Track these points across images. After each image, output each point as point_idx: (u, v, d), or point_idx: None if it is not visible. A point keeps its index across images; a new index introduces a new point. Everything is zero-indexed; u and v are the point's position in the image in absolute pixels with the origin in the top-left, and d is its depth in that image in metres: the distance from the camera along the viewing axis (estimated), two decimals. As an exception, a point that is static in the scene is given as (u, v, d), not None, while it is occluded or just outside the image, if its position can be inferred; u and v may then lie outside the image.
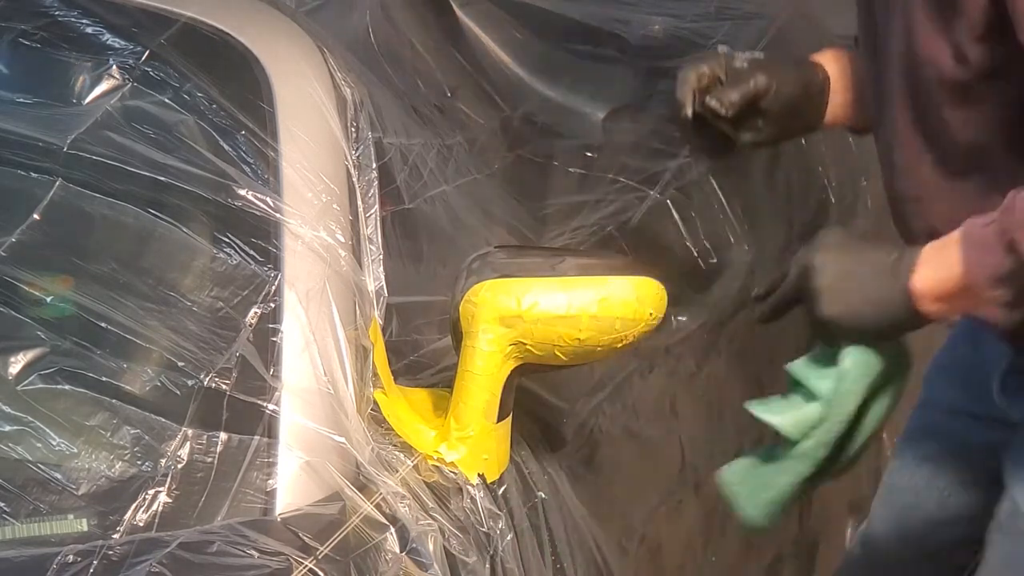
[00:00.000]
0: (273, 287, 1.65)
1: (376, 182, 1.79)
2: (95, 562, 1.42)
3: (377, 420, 1.66)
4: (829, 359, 1.70)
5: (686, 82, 1.84)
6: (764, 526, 1.78)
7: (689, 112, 1.83)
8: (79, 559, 1.43)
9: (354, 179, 1.77)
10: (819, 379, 1.70)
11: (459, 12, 2.45)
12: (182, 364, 1.60)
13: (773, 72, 1.86)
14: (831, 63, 1.92)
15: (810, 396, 1.70)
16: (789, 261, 1.74)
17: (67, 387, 1.57)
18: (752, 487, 1.76)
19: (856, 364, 1.68)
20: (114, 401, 1.57)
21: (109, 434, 1.56)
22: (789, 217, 2.62)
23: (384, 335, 1.71)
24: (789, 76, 1.87)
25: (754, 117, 1.86)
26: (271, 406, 1.60)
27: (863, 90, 1.88)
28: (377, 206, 1.77)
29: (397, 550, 1.55)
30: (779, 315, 1.75)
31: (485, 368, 1.65)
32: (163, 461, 1.55)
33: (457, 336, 1.68)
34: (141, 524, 1.52)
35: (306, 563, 1.46)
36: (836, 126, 1.96)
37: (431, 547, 1.58)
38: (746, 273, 2.46)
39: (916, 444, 2.10)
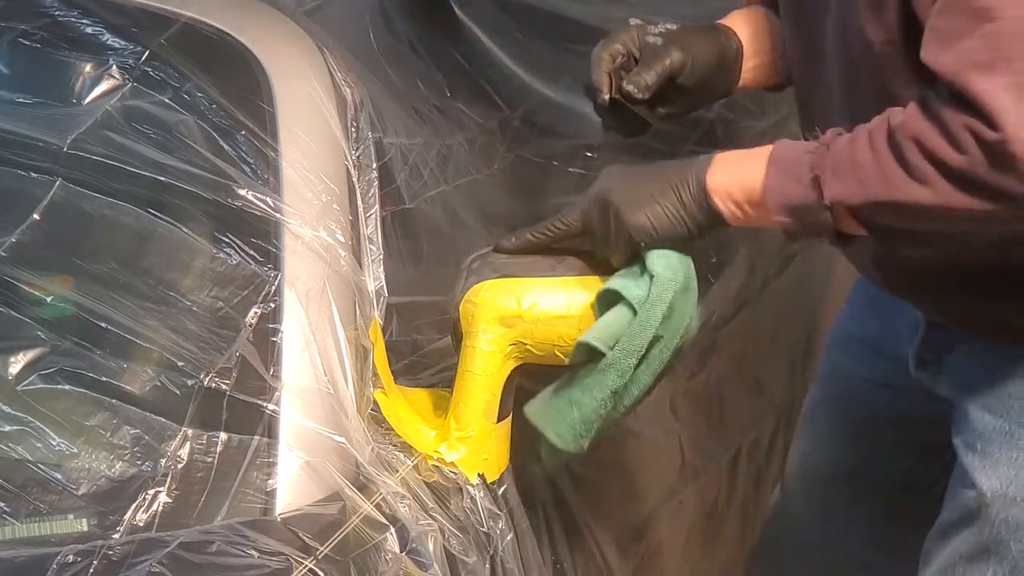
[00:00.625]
0: (273, 287, 1.66)
1: (376, 182, 1.79)
2: (95, 562, 1.42)
3: (377, 420, 1.66)
4: (641, 272, 1.64)
5: (600, 63, 1.77)
6: (574, 449, 1.69)
7: (606, 98, 1.77)
8: (79, 559, 1.43)
9: (354, 179, 1.77)
10: (635, 288, 1.63)
11: (459, 12, 2.45)
12: (182, 364, 1.60)
13: (687, 45, 1.79)
14: (743, 26, 1.86)
15: (624, 308, 1.64)
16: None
17: (67, 387, 1.57)
18: (558, 408, 1.67)
19: (664, 267, 1.62)
20: (114, 401, 1.57)
21: (109, 434, 1.56)
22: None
23: (384, 335, 1.72)
24: (703, 47, 1.81)
25: (669, 92, 1.81)
26: (271, 406, 1.60)
27: (780, 50, 1.86)
28: (377, 206, 1.77)
29: (397, 550, 1.55)
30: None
31: (485, 368, 1.65)
32: (163, 461, 1.55)
33: (457, 336, 1.68)
34: (141, 524, 1.52)
35: (306, 563, 1.46)
36: (750, 88, 1.92)
37: (431, 547, 1.58)
38: (746, 273, 2.46)
39: (828, 418, 2.11)
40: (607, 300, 1.63)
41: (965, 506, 1.81)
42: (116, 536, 1.50)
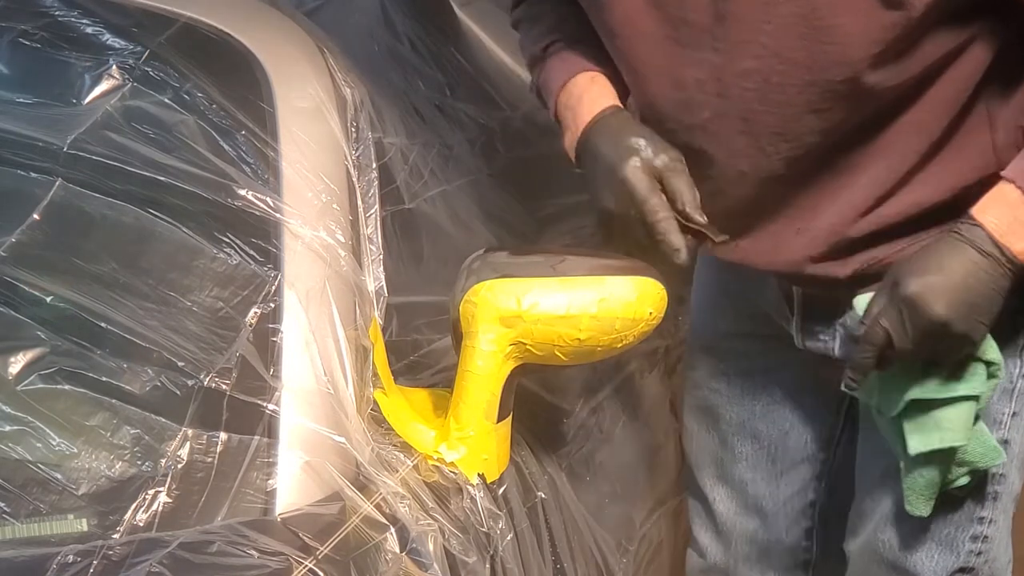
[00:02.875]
0: (273, 287, 1.66)
1: (376, 182, 1.79)
2: (95, 562, 1.42)
3: (377, 420, 1.66)
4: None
5: (669, 227, 1.67)
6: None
7: (686, 258, 1.68)
8: (79, 559, 1.43)
9: (354, 179, 1.77)
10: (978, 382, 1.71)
11: (459, 12, 2.45)
12: (182, 364, 1.60)
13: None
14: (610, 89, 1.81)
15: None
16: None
17: (67, 387, 1.57)
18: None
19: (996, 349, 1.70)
20: (114, 401, 1.57)
21: (109, 434, 1.56)
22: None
23: (384, 335, 1.72)
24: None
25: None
26: (271, 406, 1.60)
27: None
28: (377, 206, 1.77)
29: (397, 550, 1.55)
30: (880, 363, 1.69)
31: (485, 368, 1.65)
32: (163, 461, 1.55)
33: (457, 336, 1.68)
34: (141, 524, 1.52)
35: (306, 563, 1.46)
36: None
37: (431, 547, 1.58)
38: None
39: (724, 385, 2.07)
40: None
41: None
42: (116, 536, 1.50)
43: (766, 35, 1.63)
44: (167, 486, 1.54)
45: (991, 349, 1.69)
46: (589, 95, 1.78)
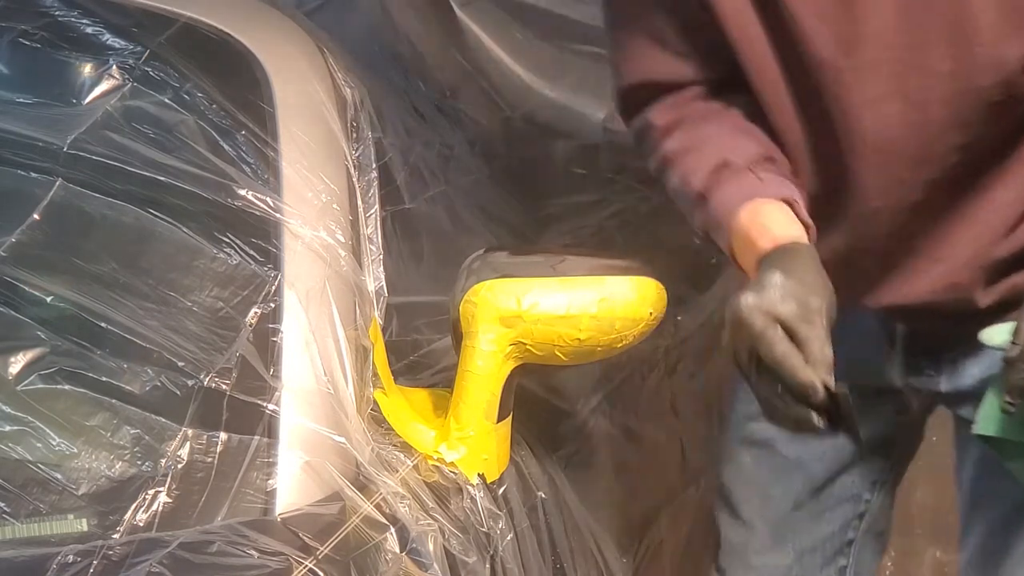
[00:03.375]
0: (273, 287, 1.65)
1: (376, 182, 1.79)
2: (95, 562, 1.42)
3: (377, 420, 1.66)
4: None
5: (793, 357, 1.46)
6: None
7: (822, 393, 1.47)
8: (79, 559, 1.43)
9: (354, 179, 1.77)
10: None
11: (459, 12, 2.45)
12: (182, 364, 1.60)
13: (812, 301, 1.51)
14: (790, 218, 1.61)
15: None
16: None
17: (67, 387, 1.57)
18: None
19: None
20: (114, 401, 1.57)
21: (109, 434, 1.56)
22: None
23: (384, 335, 1.72)
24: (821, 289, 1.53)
25: None
26: (271, 406, 1.60)
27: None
28: (377, 206, 1.77)
29: (397, 550, 1.55)
30: None
31: (485, 368, 1.66)
32: (163, 461, 1.55)
33: (457, 336, 1.68)
34: (141, 524, 1.52)
35: (306, 563, 1.46)
36: None
37: (431, 547, 1.58)
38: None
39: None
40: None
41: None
42: (116, 536, 1.50)
43: (903, 48, 1.55)
44: (167, 486, 1.54)
45: None
46: (766, 222, 1.59)
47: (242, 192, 1.69)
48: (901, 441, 1.93)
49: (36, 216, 1.65)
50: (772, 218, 1.58)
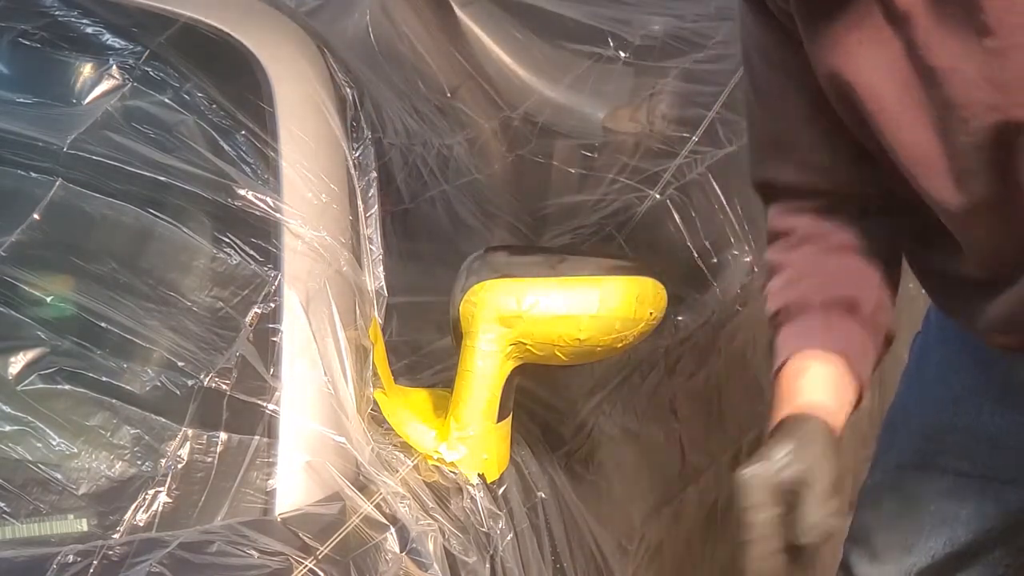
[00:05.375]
0: (273, 287, 1.65)
1: (376, 182, 1.79)
2: (95, 562, 1.42)
3: (377, 420, 1.66)
4: None
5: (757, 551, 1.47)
6: None
7: None
8: (79, 559, 1.43)
9: (354, 179, 1.77)
10: None
11: (459, 12, 2.45)
12: (182, 364, 1.60)
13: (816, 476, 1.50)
14: (829, 388, 1.61)
15: None
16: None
17: (67, 387, 1.57)
18: None
19: None
20: (114, 401, 1.57)
21: (109, 434, 1.56)
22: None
23: (384, 335, 1.71)
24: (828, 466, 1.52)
25: None
26: (271, 406, 1.60)
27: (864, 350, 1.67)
28: (377, 206, 1.77)
29: (397, 550, 1.55)
30: None
31: (485, 368, 1.66)
32: (163, 461, 1.55)
33: (457, 336, 1.68)
34: (141, 524, 1.52)
35: (306, 563, 1.46)
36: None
37: (431, 547, 1.58)
38: (747, 273, 2.46)
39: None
40: None
41: None
42: (116, 536, 1.50)
43: None
44: (167, 486, 1.54)
45: None
46: (800, 384, 1.60)
47: (242, 192, 1.69)
48: None
49: (36, 216, 1.65)
50: (808, 379, 1.59)
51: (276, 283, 1.66)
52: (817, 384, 1.59)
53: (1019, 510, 1.90)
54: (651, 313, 1.68)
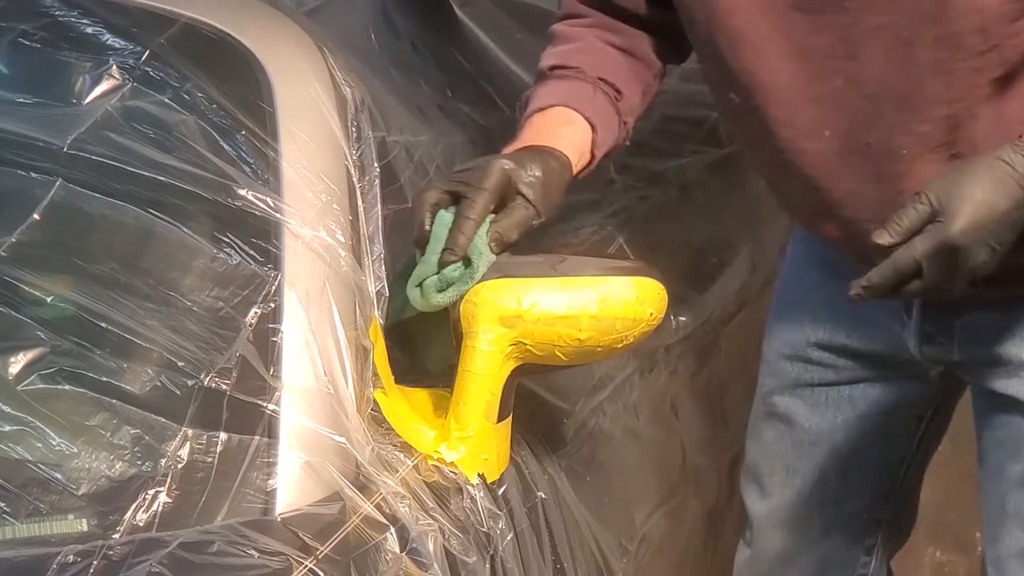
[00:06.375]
0: (273, 287, 1.65)
1: (377, 181, 1.79)
2: (95, 562, 1.42)
3: (377, 420, 1.66)
4: None
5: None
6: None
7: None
8: (79, 559, 1.43)
9: (354, 179, 1.77)
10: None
11: (459, 12, 2.45)
12: (182, 364, 1.60)
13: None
14: (565, 136, 1.79)
15: None
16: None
17: (67, 387, 1.57)
18: None
19: None
20: (114, 401, 1.57)
21: (109, 434, 1.56)
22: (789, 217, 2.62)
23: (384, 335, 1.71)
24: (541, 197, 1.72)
25: None
26: (271, 406, 1.60)
27: (611, 126, 1.85)
28: (379, 206, 1.77)
29: (397, 550, 1.55)
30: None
31: (485, 368, 1.65)
32: (163, 461, 1.55)
33: (457, 336, 1.68)
34: (141, 524, 1.52)
35: (306, 563, 1.46)
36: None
37: (431, 547, 1.58)
38: (747, 273, 2.46)
39: (798, 404, 2.04)
40: None
41: None
42: (116, 536, 1.50)
43: None
44: (167, 486, 1.54)
45: None
46: (547, 131, 1.79)
47: (242, 192, 1.69)
48: (927, 419, 1.94)
49: (36, 216, 1.65)
50: (568, 131, 1.80)
51: (276, 283, 1.66)
52: (575, 139, 1.79)
53: (892, 404, 1.96)
54: (651, 313, 1.68)
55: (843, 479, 2.05)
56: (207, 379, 1.59)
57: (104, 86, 1.75)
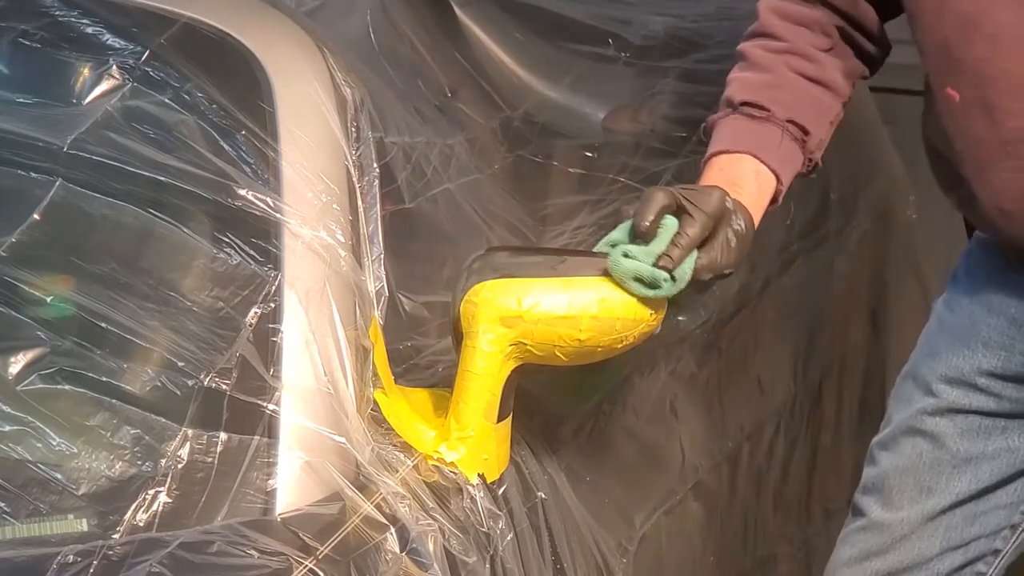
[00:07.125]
0: (273, 287, 1.66)
1: (377, 181, 1.79)
2: (95, 562, 1.42)
3: (377, 420, 1.66)
4: None
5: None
6: None
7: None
8: (79, 559, 1.43)
9: (354, 179, 1.77)
10: None
11: (459, 12, 2.45)
12: (182, 364, 1.60)
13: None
14: (751, 192, 1.81)
15: None
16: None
17: (67, 387, 1.57)
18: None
19: None
20: (114, 401, 1.57)
21: (109, 434, 1.56)
22: (789, 217, 2.62)
23: (384, 335, 1.71)
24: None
25: None
26: (271, 406, 1.60)
27: (794, 169, 1.87)
28: (378, 206, 1.77)
29: (397, 550, 1.55)
30: None
31: (485, 368, 1.65)
32: (163, 461, 1.55)
33: (457, 336, 1.68)
34: (141, 524, 1.52)
35: (306, 563, 1.46)
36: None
37: (431, 547, 1.58)
38: (747, 273, 2.46)
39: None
40: None
41: None
42: (116, 536, 1.50)
43: None
44: (167, 486, 1.54)
45: None
46: (736, 182, 1.79)
47: (242, 192, 1.69)
48: None
49: (36, 216, 1.65)
50: (749, 182, 1.80)
51: (276, 283, 1.66)
52: (762, 203, 1.82)
53: None
54: (651, 313, 1.68)
55: (977, 505, 1.99)
56: (207, 379, 1.59)
57: (104, 86, 1.75)
